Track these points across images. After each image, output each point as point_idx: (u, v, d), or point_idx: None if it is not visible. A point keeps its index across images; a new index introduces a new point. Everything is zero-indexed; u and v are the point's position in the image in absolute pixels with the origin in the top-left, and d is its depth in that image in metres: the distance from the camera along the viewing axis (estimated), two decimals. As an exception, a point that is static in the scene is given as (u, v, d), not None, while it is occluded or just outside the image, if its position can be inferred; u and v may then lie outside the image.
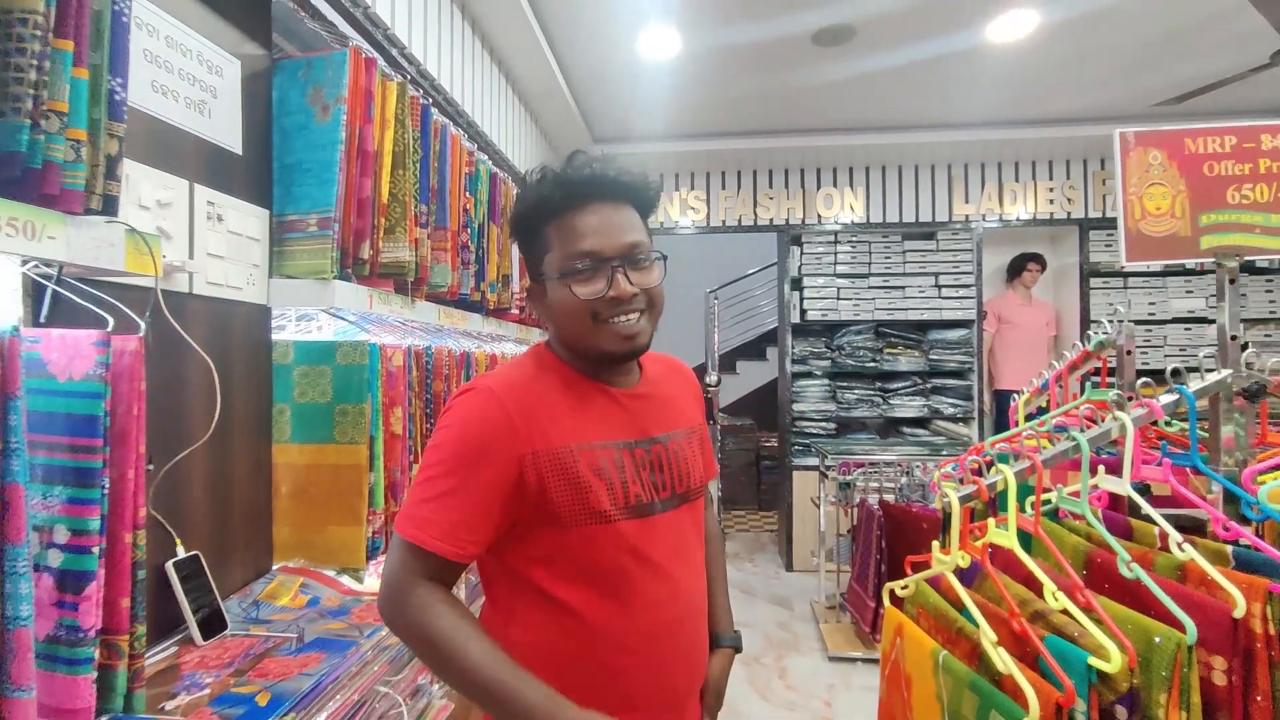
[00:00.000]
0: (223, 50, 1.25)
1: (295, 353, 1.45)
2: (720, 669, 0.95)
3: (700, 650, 0.90)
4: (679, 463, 0.88)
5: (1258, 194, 0.90)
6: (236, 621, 1.19)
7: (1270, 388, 0.87)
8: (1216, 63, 2.77)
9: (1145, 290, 4.11)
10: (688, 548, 0.88)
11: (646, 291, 0.82)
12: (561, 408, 0.83)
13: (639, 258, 0.82)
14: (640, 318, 0.82)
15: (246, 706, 0.90)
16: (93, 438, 0.79)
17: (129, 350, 0.84)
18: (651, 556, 0.82)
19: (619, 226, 0.82)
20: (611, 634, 0.80)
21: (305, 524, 1.43)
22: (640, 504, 0.82)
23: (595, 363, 0.86)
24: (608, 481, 0.80)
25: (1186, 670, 0.65)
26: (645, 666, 0.82)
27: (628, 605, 0.81)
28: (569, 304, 0.81)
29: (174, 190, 1.12)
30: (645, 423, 0.87)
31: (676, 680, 0.86)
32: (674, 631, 0.85)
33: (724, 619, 0.99)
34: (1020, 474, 0.86)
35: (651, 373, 0.93)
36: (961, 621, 0.84)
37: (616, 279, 0.80)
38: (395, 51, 1.74)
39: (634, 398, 0.88)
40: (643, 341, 0.83)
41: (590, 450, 0.81)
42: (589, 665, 0.80)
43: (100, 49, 0.81)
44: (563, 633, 0.81)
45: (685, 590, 0.86)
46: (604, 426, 0.84)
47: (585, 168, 0.83)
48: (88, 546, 0.78)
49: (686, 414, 0.94)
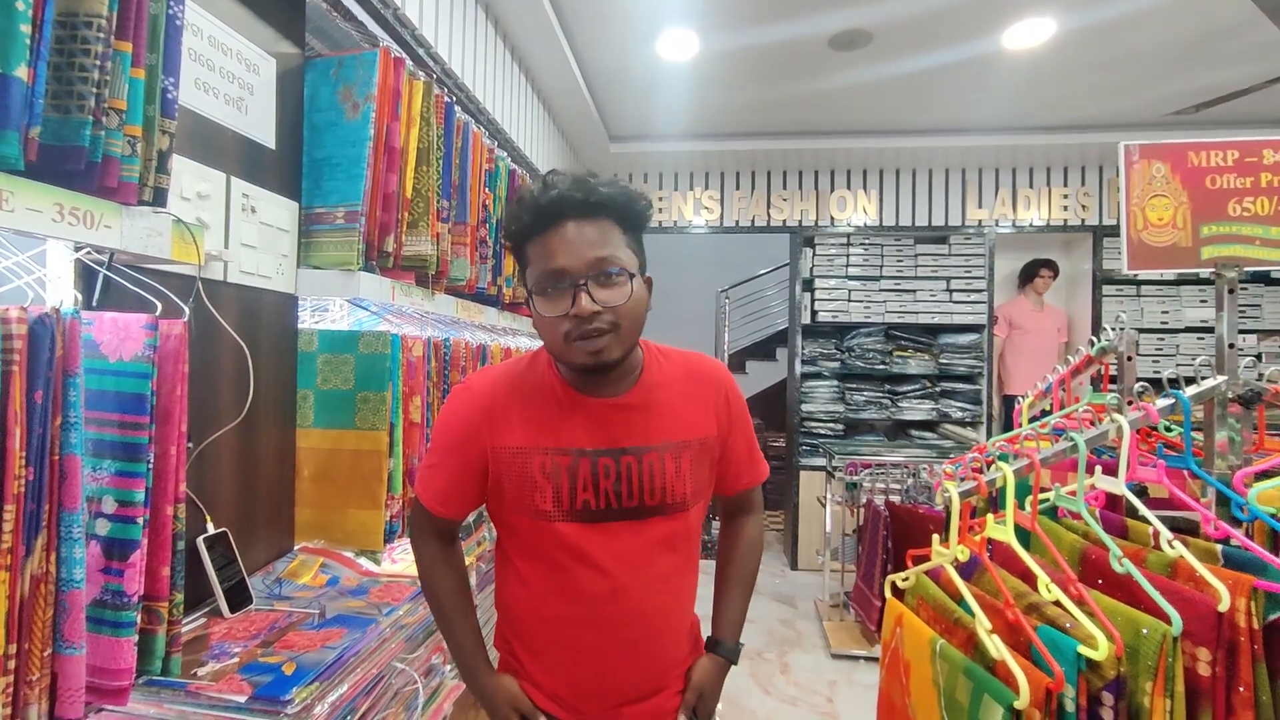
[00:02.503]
0: (260, 49, 1.30)
1: (320, 341, 1.50)
2: (703, 670, 0.97)
3: (653, 656, 0.93)
4: (650, 476, 0.88)
5: (1258, 207, 0.93)
6: (260, 597, 1.24)
7: (1267, 395, 0.90)
8: (1233, 73, 2.77)
9: (1158, 299, 4.10)
10: (647, 558, 0.89)
11: (613, 310, 0.81)
12: (532, 411, 0.90)
13: (608, 272, 0.81)
14: (604, 337, 0.82)
15: (274, 675, 0.95)
16: (140, 415, 0.84)
17: (174, 334, 0.89)
18: (594, 559, 0.87)
19: (589, 243, 0.81)
20: (554, 610, 0.91)
21: (326, 506, 1.49)
22: (588, 510, 0.87)
23: (576, 373, 0.89)
24: (555, 485, 0.87)
25: (1171, 660, 0.69)
26: (583, 653, 0.91)
27: (566, 592, 0.90)
28: (541, 321, 0.84)
29: (213, 183, 1.17)
30: (619, 434, 0.88)
31: (616, 680, 0.91)
32: (615, 632, 0.89)
33: (727, 628, 1.01)
34: (1019, 472, 0.89)
35: (656, 379, 0.92)
36: (959, 612, 0.88)
37: (579, 297, 0.80)
38: (422, 51, 1.78)
39: (614, 408, 0.89)
40: (609, 358, 0.83)
41: (545, 454, 0.87)
42: (538, 628, 0.94)
43: (156, 50, 0.86)
44: (519, 593, 0.95)
45: (633, 599, 0.88)
46: (568, 434, 0.88)
47: (554, 188, 0.83)
48: (133, 517, 0.83)
49: (683, 426, 0.92)
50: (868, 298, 4.21)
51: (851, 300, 4.22)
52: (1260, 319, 3.99)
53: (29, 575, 0.70)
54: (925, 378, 4.22)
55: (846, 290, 4.22)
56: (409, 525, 1.04)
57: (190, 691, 0.90)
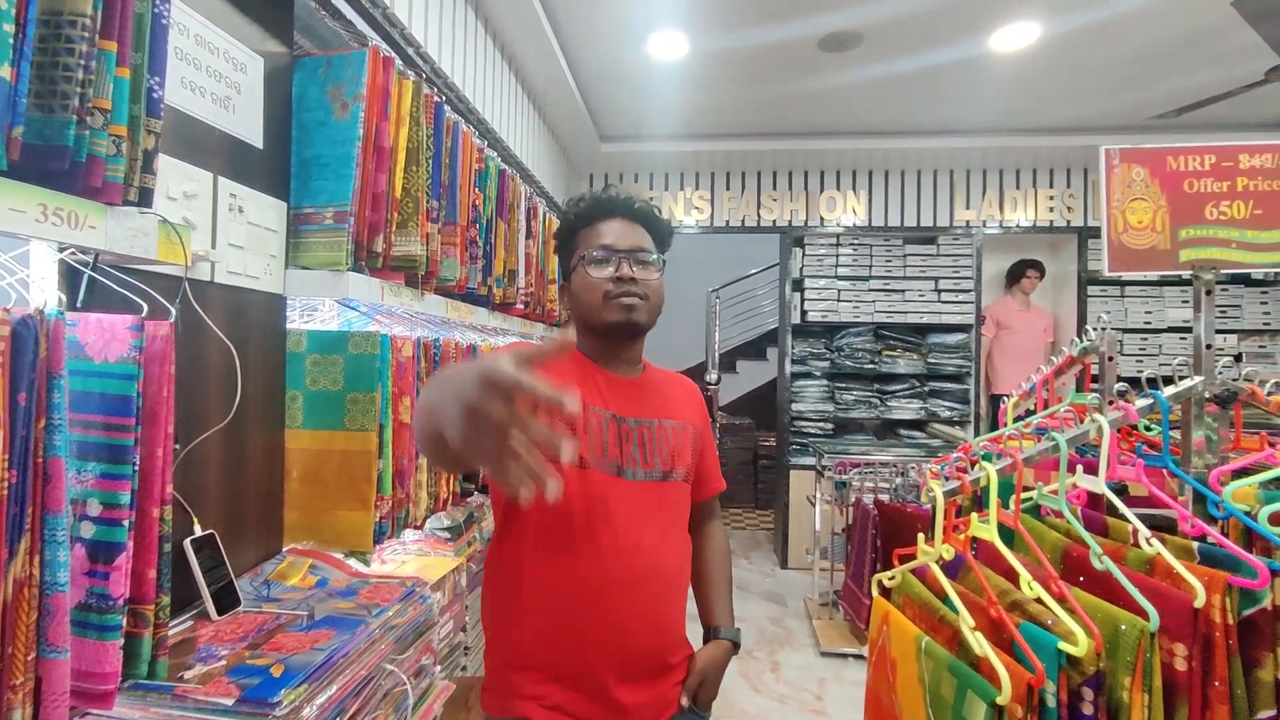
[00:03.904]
0: (247, 48, 1.29)
1: (308, 341, 1.49)
2: (709, 656, 1.04)
3: (667, 619, 0.99)
4: (663, 445, 1.03)
5: (1234, 211, 0.95)
6: (248, 599, 1.24)
7: (1243, 395, 0.92)
8: (1214, 77, 2.82)
9: (1142, 300, 4.16)
10: (661, 519, 1.01)
11: (645, 283, 1.01)
12: (568, 375, 1.02)
13: (643, 259, 1.03)
14: (637, 299, 1.00)
15: (262, 677, 0.95)
16: (126, 416, 0.83)
17: (161, 335, 0.88)
18: (616, 513, 0.96)
19: (632, 234, 1.04)
20: (573, 570, 0.95)
21: (315, 508, 1.48)
22: (615, 465, 0.98)
23: (605, 343, 1.05)
24: (590, 437, 0.98)
25: (1149, 655, 0.70)
26: (600, 609, 0.94)
27: (587, 546, 0.95)
28: (587, 282, 1.02)
29: (199, 182, 1.17)
30: (636, 406, 1.04)
31: (633, 635, 0.95)
32: (631, 586, 0.95)
33: (724, 616, 1.11)
34: (1003, 471, 0.91)
35: (654, 375, 1.12)
36: (944, 610, 0.89)
37: (623, 265, 1.00)
38: (411, 50, 1.78)
39: (631, 385, 1.06)
40: (639, 318, 1.01)
41: (583, 410, 0.98)
42: (553, 597, 0.96)
43: (141, 49, 0.86)
44: (541, 563, 0.96)
45: (649, 555, 0.97)
46: (598, 398, 1.01)
47: (609, 191, 1.07)
48: (119, 519, 0.82)
49: (682, 411, 1.09)
50: (857, 298, 4.24)
51: (841, 300, 4.24)
52: (1240, 319, 4.05)
53: (12, 579, 0.69)
54: (914, 377, 4.26)
55: (836, 290, 4.25)
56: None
57: (177, 695, 0.89)
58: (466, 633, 2.10)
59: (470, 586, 2.17)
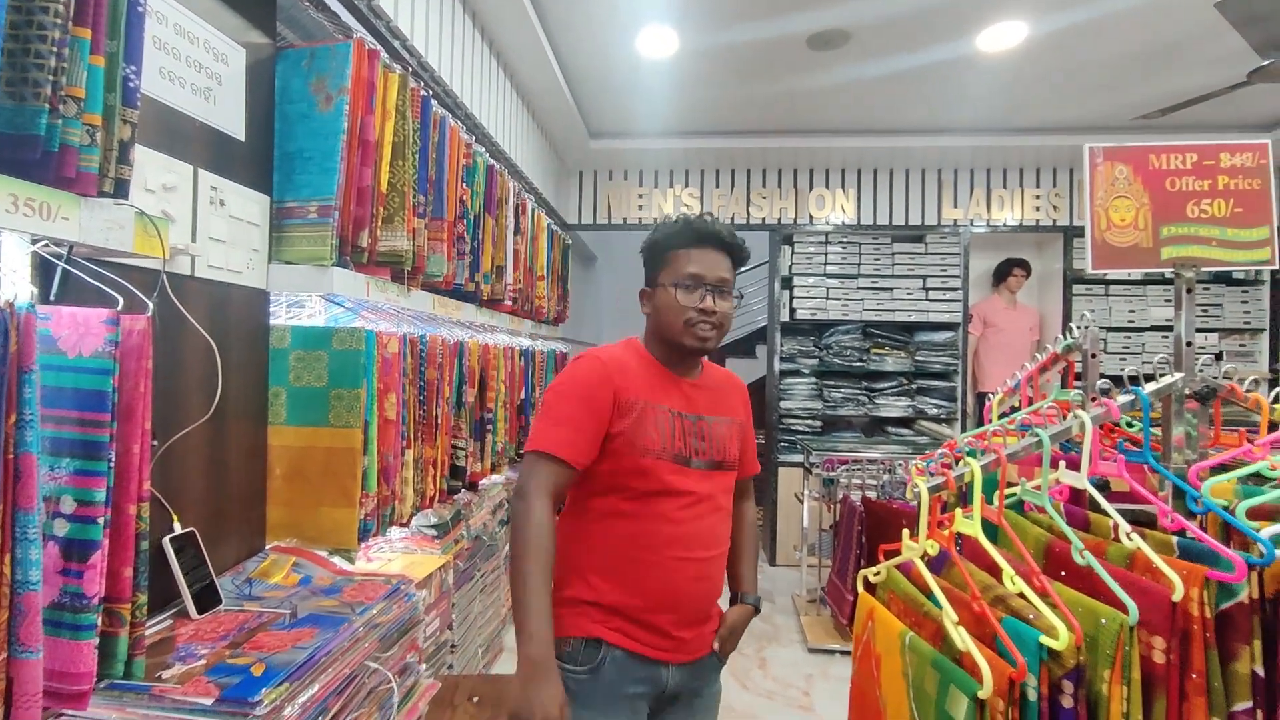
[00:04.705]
0: (228, 38, 1.27)
1: (292, 337, 1.47)
2: (737, 615, 1.22)
3: (712, 577, 1.16)
4: (718, 438, 1.18)
5: (1215, 209, 0.96)
6: (230, 597, 1.22)
7: (1222, 392, 0.93)
8: (1198, 79, 2.85)
9: (1126, 298, 4.20)
10: (713, 497, 1.16)
11: (723, 314, 1.15)
12: (642, 377, 1.15)
13: (724, 290, 1.16)
14: (712, 329, 1.15)
15: (242, 676, 0.94)
16: (101, 412, 0.82)
17: (137, 329, 0.87)
18: (684, 488, 1.12)
19: (718, 266, 1.16)
20: (643, 532, 1.10)
21: (299, 505, 1.46)
22: (680, 455, 1.13)
23: (673, 352, 1.18)
24: (661, 431, 1.12)
25: (1129, 649, 0.71)
26: (663, 570, 1.10)
27: (656, 515, 1.11)
28: (672, 305, 1.14)
29: (179, 175, 1.15)
30: (697, 404, 1.18)
31: (686, 590, 1.12)
32: (687, 547, 1.11)
33: (750, 584, 1.28)
34: (986, 468, 0.91)
35: (711, 376, 1.26)
36: (928, 605, 0.89)
37: (708, 298, 1.13)
38: (398, 44, 1.76)
39: (693, 386, 1.20)
40: (710, 345, 1.16)
41: (654, 409, 1.13)
42: (626, 550, 1.11)
43: (116, 37, 0.84)
44: (616, 529, 1.12)
45: (706, 522, 1.14)
46: (667, 398, 1.15)
47: (709, 221, 1.19)
48: (93, 517, 0.81)
49: (733, 409, 1.24)
50: (845, 296, 4.25)
51: (830, 298, 4.26)
52: (1221, 318, 4.11)
53: (-18, 577, 0.68)
54: (902, 375, 4.28)
55: (825, 288, 4.26)
56: (518, 489, 1.09)
57: (154, 695, 0.88)
58: (453, 630, 2.09)
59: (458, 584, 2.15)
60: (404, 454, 1.68)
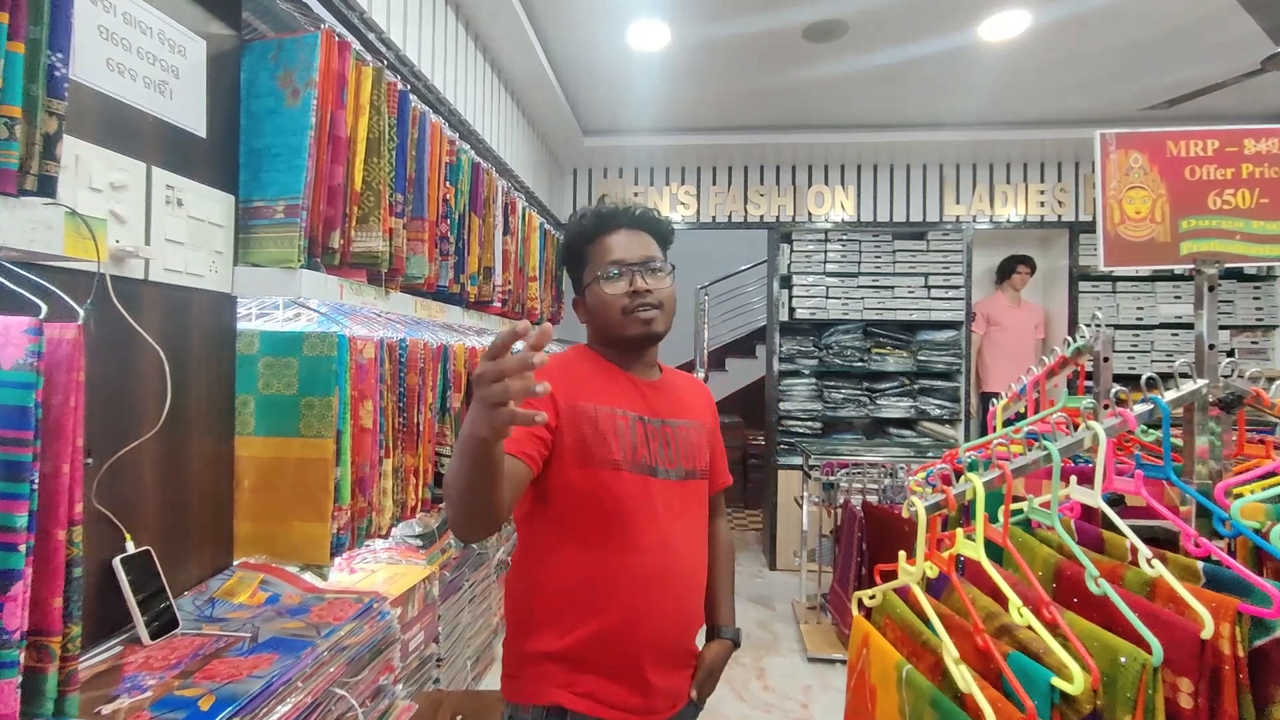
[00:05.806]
0: (186, 29, 1.21)
1: (260, 343, 1.41)
2: (715, 653, 1.10)
3: (690, 610, 1.05)
4: (684, 444, 1.08)
5: (1239, 199, 0.88)
6: (189, 620, 1.15)
7: (1247, 399, 0.85)
8: (1208, 68, 2.76)
9: (1134, 295, 4.11)
10: (687, 513, 1.06)
11: (659, 292, 1.05)
12: (593, 381, 1.05)
13: (654, 267, 1.06)
14: (654, 310, 1.04)
15: (188, 710, 0.87)
16: (22, 430, 0.75)
17: (66, 339, 0.80)
18: (649, 506, 1.00)
19: (638, 245, 1.07)
20: (607, 566, 0.98)
21: (268, 519, 1.40)
22: (645, 464, 1.02)
23: (623, 350, 1.08)
24: (622, 439, 1.01)
25: (1151, 692, 0.63)
26: (634, 608, 0.98)
27: (623, 544, 0.98)
28: (603, 300, 1.05)
29: (129, 173, 1.08)
30: (658, 407, 1.07)
31: (663, 629, 1.00)
32: (663, 580, 1.00)
33: (726, 614, 1.17)
34: (990, 484, 0.84)
35: (670, 378, 1.16)
36: (927, 634, 0.82)
37: (637, 279, 1.04)
38: (373, 36, 1.69)
39: (651, 387, 1.09)
40: (657, 329, 1.05)
41: (610, 413, 1.01)
42: (588, 591, 0.98)
43: (40, 22, 0.77)
44: (571, 558, 0.99)
45: (677, 546, 1.02)
46: (624, 400, 1.04)
47: (609, 204, 1.10)
48: (13, 544, 0.74)
49: (697, 412, 1.14)
50: (846, 294, 4.17)
51: (830, 297, 4.18)
52: (1234, 315, 4.01)
53: (-128, 618, 0.61)
54: (903, 375, 4.20)
55: (825, 287, 4.18)
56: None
57: (88, 734, 0.81)
58: (439, 644, 2.02)
59: (444, 595, 2.09)
60: (382, 464, 1.61)
